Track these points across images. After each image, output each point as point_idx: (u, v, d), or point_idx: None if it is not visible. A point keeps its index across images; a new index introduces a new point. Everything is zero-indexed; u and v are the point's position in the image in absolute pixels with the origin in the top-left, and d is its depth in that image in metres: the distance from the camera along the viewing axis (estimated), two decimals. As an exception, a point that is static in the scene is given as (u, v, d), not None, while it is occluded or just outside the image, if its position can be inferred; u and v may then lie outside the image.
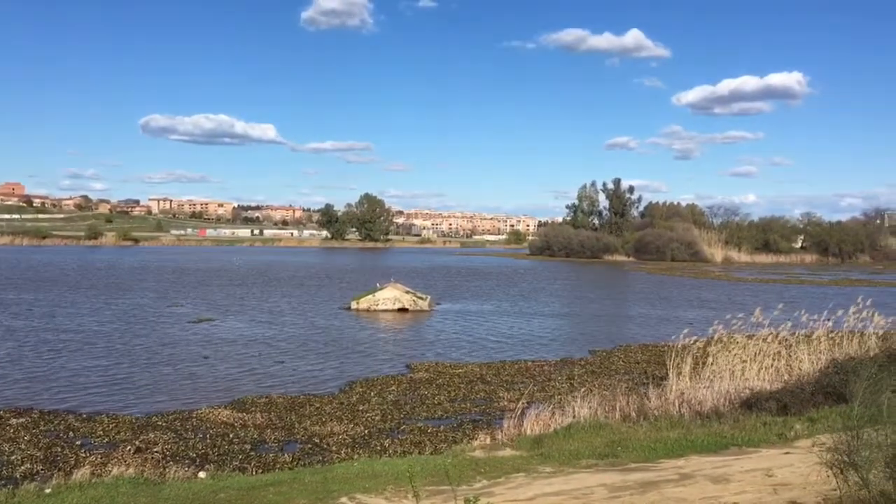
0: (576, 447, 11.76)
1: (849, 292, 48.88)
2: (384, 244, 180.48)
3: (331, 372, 24.57)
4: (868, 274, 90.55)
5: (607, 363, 26.29)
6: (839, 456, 6.33)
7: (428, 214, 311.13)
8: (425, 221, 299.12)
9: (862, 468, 6.08)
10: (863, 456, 6.07)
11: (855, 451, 6.14)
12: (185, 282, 62.07)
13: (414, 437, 16.44)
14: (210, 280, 64.82)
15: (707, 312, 38.84)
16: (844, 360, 16.97)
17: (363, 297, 44.13)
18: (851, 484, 6.27)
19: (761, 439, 11.78)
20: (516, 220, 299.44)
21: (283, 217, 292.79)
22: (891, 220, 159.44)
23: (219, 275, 72.27)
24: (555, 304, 49.74)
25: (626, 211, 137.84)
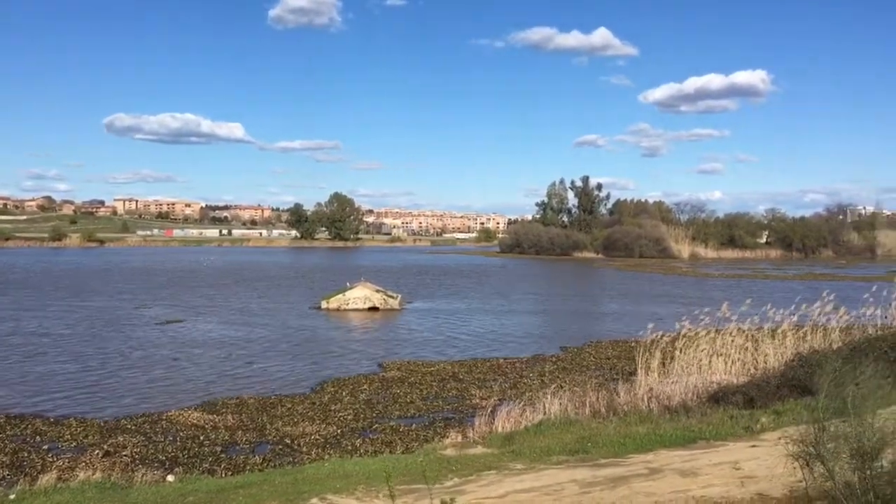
0: (546, 444, 11.83)
1: (812, 287, 49.75)
2: (354, 243, 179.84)
3: (302, 372, 24.43)
4: (831, 268, 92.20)
5: (578, 359, 26.46)
6: (806, 448, 6.42)
7: (398, 213, 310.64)
8: (395, 220, 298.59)
9: (828, 460, 6.17)
10: (828, 448, 6.16)
11: (821, 442, 6.23)
12: (152, 283, 61.29)
13: (385, 436, 16.42)
14: (178, 281, 64.08)
15: (675, 308, 39.28)
16: (809, 354, 17.27)
17: (333, 296, 43.93)
18: (817, 475, 6.36)
19: (728, 433, 11.94)
20: (486, 218, 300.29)
21: (251, 217, 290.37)
22: (853, 215, 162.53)
23: (187, 276, 71.47)
24: (526, 302, 49.93)
25: (594, 208, 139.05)
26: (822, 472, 6.26)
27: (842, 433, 6.12)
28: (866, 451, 5.85)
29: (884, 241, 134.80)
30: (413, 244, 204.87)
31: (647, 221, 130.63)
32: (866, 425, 5.90)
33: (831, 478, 6.16)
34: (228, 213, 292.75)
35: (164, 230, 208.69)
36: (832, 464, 6.14)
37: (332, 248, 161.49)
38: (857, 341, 18.16)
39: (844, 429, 6.10)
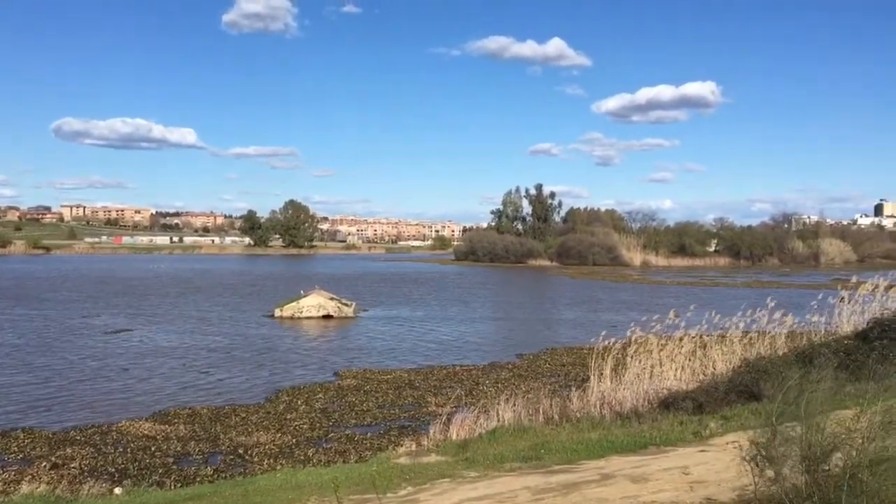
0: (500, 451, 11.86)
1: (759, 294, 50.90)
2: (309, 251, 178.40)
3: (256, 381, 24.15)
4: (777, 276, 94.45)
5: (534, 366, 26.63)
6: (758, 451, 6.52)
7: (353, 220, 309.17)
8: (350, 227, 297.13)
9: (778, 463, 6.28)
10: (779, 451, 6.27)
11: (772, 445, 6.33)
12: (101, 291, 59.90)
13: (340, 445, 16.31)
14: (128, 289, 62.73)
15: (628, 315, 39.84)
16: (756, 360, 17.63)
17: (287, 304, 43.49)
18: (766, 479, 6.47)
19: (678, 438, 12.10)
20: (441, 226, 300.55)
21: (203, 224, 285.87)
22: (797, 224, 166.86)
23: (137, 284, 70.00)
24: (482, 309, 50.10)
25: (548, 216, 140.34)
26: (771, 475, 6.37)
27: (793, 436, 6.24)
28: (815, 454, 5.98)
29: (827, 249, 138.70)
30: (368, 252, 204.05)
31: (599, 229, 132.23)
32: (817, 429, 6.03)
33: (780, 481, 6.27)
34: (180, 220, 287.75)
35: (113, 237, 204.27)
36: (781, 467, 6.25)
37: (287, 256, 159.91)
38: (802, 347, 18.61)
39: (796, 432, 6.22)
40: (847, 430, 5.93)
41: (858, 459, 5.65)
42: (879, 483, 5.56)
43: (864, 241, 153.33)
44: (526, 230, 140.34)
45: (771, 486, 6.28)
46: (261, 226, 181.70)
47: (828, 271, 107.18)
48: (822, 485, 5.89)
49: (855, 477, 5.64)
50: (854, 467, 5.63)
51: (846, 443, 5.84)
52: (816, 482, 5.90)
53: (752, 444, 6.47)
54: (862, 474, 5.59)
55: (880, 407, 6.09)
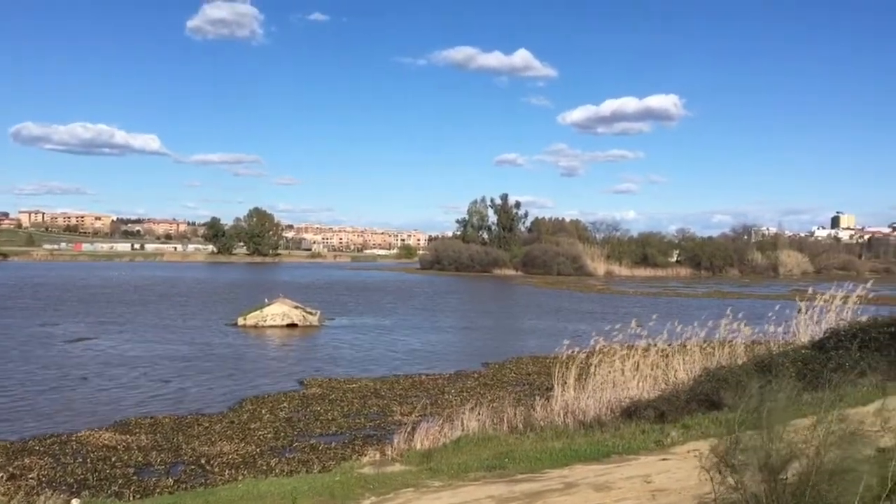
0: (464, 460, 11.86)
1: (720, 304, 51.66)
2: (273, 259, 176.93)
3: (219, 390, 23.88)
4: (737, 287, 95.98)
5: (500, 375, 26.72)
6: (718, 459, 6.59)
7: (318, 229, 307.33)
8: (315, 236, 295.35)
9: (738, 471, 6.36)
10: (739, 459, 6.35)
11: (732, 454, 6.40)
12: (60, 299, 58.68)
13: (303, 455, 16.18)
14: (88, 297, 61.55)
15: (592, 324, 40.09)
16: (716, 369, 17.87)
17: (250, 312, 43.05)
18: (726, 487, 6.55)
19: (640, 446, 12.22)
20: (407, 235, 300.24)
21: (166, 231, 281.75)
22: (757, 235, 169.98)
23: (97, 292, 68.72)
24: (448, 318, 50.12)
25: (513, 226, 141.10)
26: (732, 483, 6.46)
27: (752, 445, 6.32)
28: (774, 463, 6.07)
29: (785, 260, 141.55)
30: (333, 260, 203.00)
31: (564, 239, 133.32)
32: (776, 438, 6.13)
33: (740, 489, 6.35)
34: (141, 227, 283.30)
35: (73, 244, 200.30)
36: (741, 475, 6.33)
37: (251, 264, 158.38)
38: (761, 357, 18.92)
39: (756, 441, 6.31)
40: (804, 440, 6.04)
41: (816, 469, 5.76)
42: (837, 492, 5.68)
43: (821, 252, 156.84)
44: (491, 239, 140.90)
45: (731, 495, 6.36)
46: (224, 233, 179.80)
47: (786, 282, 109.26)
48: (781, 493, 5.99)
49: (813, 486, 5.75)
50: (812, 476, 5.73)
51: (803, 452, 5.95)
52: (775, 491, 6.00)
53: (713, 453, 6.55)
54: (820, 484, 5.70)
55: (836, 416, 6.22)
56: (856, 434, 5.92)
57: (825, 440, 5.86)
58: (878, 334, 17.38)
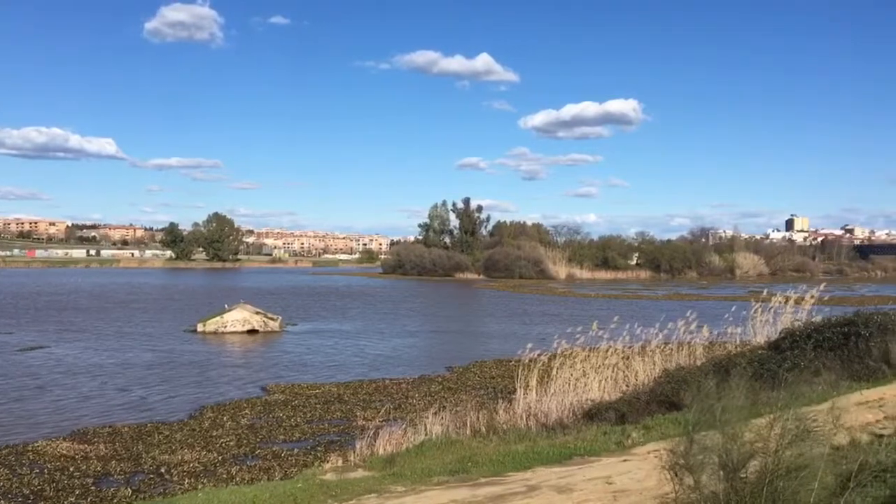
0: (427, 465, 11.85)
1: (679, 306, 52.42)
2: (233, 264, 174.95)
3: (180, 398, 23.53)
4: (695, 289, 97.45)
5: (463, 379, 26.74)
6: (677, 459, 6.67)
7: (279, 234, 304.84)
8: (277, 241, 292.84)
9: (697, 471, 6.44)
10: (697, 459, 6.43)
11: (691, 454, 6.48)
12: (14, 307, 57.21)
13: (264, 462, 16.00)
14: (43, 305, 60.09)
15: (554, 327, 40.41)
16: (675, 370, 18.16)
17: (210, 319, 42.48)
18: (685, 487, 6.63)
19: (602, 448, 12.33)
20: (369, 239, 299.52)
21: (122, 237, 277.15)
22: (714, 238, 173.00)
23: (52, 299, 67.17)
24: (411, 323, 50.03)
25: (475, 230, 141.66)
26: (691, 483, 6.54)
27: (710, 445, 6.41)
28: (733, 462, 6.16)
29: (742, 262, 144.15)
30: (295, 265, 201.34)
31: (526, 243, 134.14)
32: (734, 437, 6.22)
33: (699, 489, 6.43)
34: (97, 233, 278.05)
35: (26, 250, 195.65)
36: (700, 475, 6.41)
37: (210, 269, 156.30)
38: (720, 358, 19.25)
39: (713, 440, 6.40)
40: (762, 438, 6.15)
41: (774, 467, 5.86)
42: (794, 489, 5.79)
43: (776, 254, 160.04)
44: (453, 244, 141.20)
45: (691, 494, 6.45)
46: (183, 239, 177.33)
47: (743, 284, 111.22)
48: (740, 492, 6.09)
49: (771, 484, 5.85)
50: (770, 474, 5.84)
51: (761, 450, 6.06)
52: (734, 489, 6.10)
53: (671, 453, 6.63)
54: (777, 481, 5.80)
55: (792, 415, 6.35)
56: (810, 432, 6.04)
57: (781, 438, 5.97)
58: (832, 334, 17.82)
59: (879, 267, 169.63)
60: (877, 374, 16.18)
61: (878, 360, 16.68)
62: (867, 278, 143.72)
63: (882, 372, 16.24)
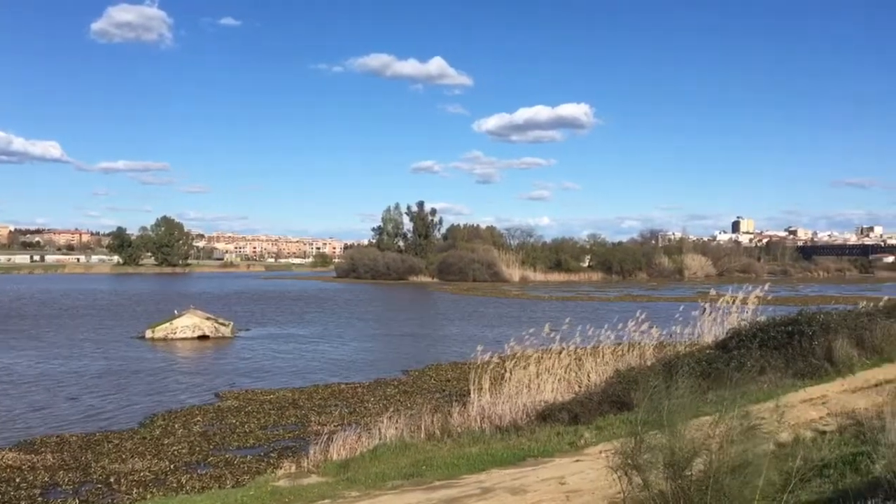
0: (382, 469, 11.83)
1: (630, 307, 53.17)
2: (184, 269, 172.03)
3: (130, 406, 23.08)
4: (646, 290, 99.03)
5: (420, 382, 26.75)
6: (624, 459, 6.77)
7: (231, 238, 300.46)
8: (228, 245, 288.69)
9: (644, 470, 6.54)
10: (645, 459, 6.54)
11: (638, 454, 6.58)
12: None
13: (216, 470, 15.77)
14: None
15: (508, 329, 40.68)
16: (626, 371, 18.43)
17: (159, 325, 41.69)
18: (634, 486, 6.74)
19: (555, 449, 12.47)
20: (322, 243, 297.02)
21: (68, 242, 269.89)
22: (663, 240, 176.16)
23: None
24: (366, 326, 49.85)
25: (429, 233, 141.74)
26: (639, 482, 6.65)
27: (657, 444, 6.52)
28: (678, 460, 6.29)
29: (690, 263, 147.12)
30: (247, 269, 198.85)
31: (479, 246, 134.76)
32: (678, 436, 6.34)
33: (647, 487, 6.53)
34: (41, 238, 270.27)
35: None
36: (648, 474, 6.52)
37: (160, 275, 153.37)
38: (669, 358, 19.60)
39: (659, 440, 6.51)
40: (706, 436, 6.29)
41: (718, 464, 6.00)
42: (739, 486, 5.93)
43: (723, 255, 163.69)
44: (407, 247, 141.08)
45: (639, 494, 6.56)
46: (131, 243, 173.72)
47: (691, 285, 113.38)
48: (687, 489, 6.22)
49: (716, 481, 5.99)
50: (715, 472, 5.97)
51: (706, 448, 6.20)
52: (681, 487, 6.23)
53: (619, 454, 6.73)
54: (722, 479, 5.94)
55: (737, 413, 6.51)
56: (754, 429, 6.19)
57: (726, 437, 6.11)
58: (776, 333, 18.30)
59: (822, 267, 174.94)
60: (820, 371, 16.67)
61: (821, 358, 17.17)
62: (810, 278, 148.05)
63: (825, 370, 16.73)
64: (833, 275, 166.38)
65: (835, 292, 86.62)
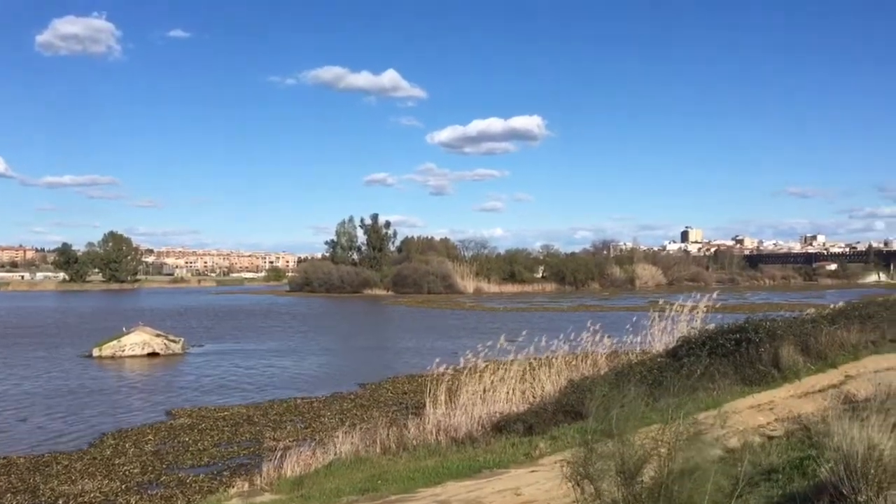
0: (336, 485, 11.74)
1: (583, 317, 53.74)
2: (132, 285, 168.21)
3: (79, 426, 22.54)
4: (598, 300, 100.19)
5: (376, 396, 26.65)
6: (576, 469, 6.84)
7: (181, 253, 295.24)
8: (179, 260, 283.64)
9: (595, 479, 6.62)
10: (596, 467, 6.62)
11: (589, 463, 6.66)
12: None
13: (167, 490, 15.47)
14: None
15: (463, 341, 40.73)
16: (580, 380, 18.60)
17: (107, 342, 40.70)
18: (587, 495, 6.81)
19: (510, 460, 12.52)
20: (276, 257, 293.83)
21: (11, 258, 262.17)
22: (615, 250, 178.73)
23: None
24: (322, 340, 49.44)
25: (383, 246, 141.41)
26: (591, 491, 6.73)
27: (607, 453, 6.61)
28: (629, 468, 6.38)
29: (641, 273, 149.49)
30: (198, 285, 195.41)
31: (434, 258, 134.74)
32: (628, 444, 6.44)
33: (599, 496, 6.61)
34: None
35: None
36: (600, 483, 6.60)
37: (108, 291, 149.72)
38: (621, 367, 19.86)
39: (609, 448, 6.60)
40: (656, 443, 6.40)
41: (667, 471, 6.11)
42: (688, 492, 6.05)
43: (673, 265, 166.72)
44: (361, 260, 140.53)
45: (593, 502, 6.64)
46: (77, 260, 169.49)
47: (643, 294, 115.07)
48: (639, 496, 6.32)
49: (666, 488, 6.10)
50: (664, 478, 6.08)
51: (656, 455, 6.31)
52: (633, 495, 6.32)
53: (571, 463, 6.80)
54: (672, 484, 6.05)
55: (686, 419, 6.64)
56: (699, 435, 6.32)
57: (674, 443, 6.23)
58: (725, 341, 18.68)
59: (768, 275, 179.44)
60: (767, 378, 17.06)
61: (768, 364, 17.59)
62: (757, 286, 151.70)
63: (772, 376, 17.14)
64: (779, 283, 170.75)
65: (780, 300, 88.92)
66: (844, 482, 5.54)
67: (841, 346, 19.23)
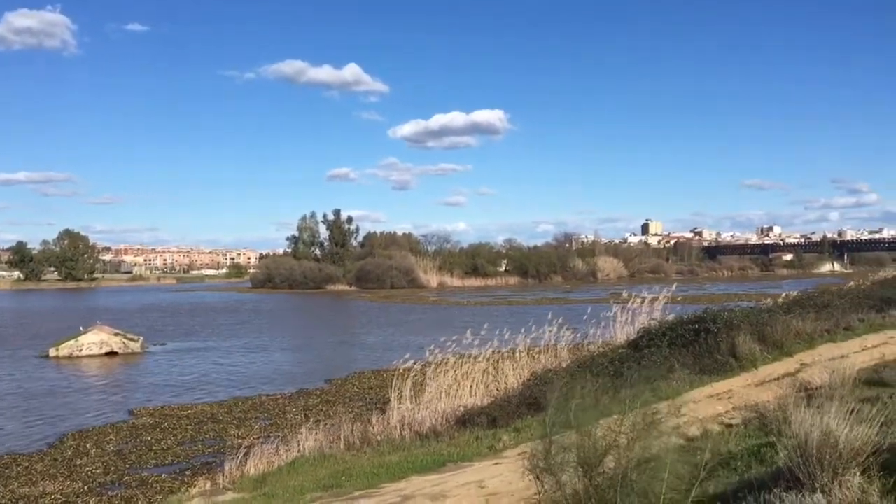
0: (300, 482, 11.69)
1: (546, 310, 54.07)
2: (89, 283, 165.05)
3: (37, 427, 22.18)
4: (561, 293, 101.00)
5: (342, 391, 26.60)
6: (536, 461, 6.90)
7: (140, 250, 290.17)
8: (137, 257, 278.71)
9: (556, 471, 6.68)
10: (557, 460, 6.68)
11: (550, 455, 6.72)
12: None
13: (128, 490, 15.28)
14: None
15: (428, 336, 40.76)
16: (543, 372, 18.76)
17: (64, 342, 39.93)
18: (549, 487, 6.88)
19: (475, 453, 12.58)
20: (237, 254, 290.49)
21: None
22: (577, 243, 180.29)
23: None
24: (286, 337, 49.10)
25: (346, 241, 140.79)
26: (553, 483, 6.80)
27: (567, 444, 6.67)
28: (588, 459, 6.46)
29: (603, 266, 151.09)
30: (157, 282, 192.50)
31: (397, 253, 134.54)
32: (587, 435, 6.52)
33: (560, 488, 6.68)
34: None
35: None
36: (561, 475, 6.67)
37: (64, 290, 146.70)
38: (583, 358, 20.07)
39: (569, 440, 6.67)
40: (615, 434, 6.49)
41: (627, 461, 6.20)
42: (647, 481, 6.14)
43: (634, 257, 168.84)
44: (324, 255, 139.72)
45: (554, 494, 6.71)
46: (32, 258, 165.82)
47: (604, 286, 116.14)
48: (600, 487, 6.40)
49: (626, 477, 6.19)
50: (624, 468, 6.17)
51: (616, 446, 6.39)
52: (594, 485, 6.41)
53: (532, 456, 6.87)
54: (631, 473, 6.15)
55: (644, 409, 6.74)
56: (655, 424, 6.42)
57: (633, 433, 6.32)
58: (684, 331, 18.98)
59: (726, 266, 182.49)
60: (725, 367, 17.36)
61: (726, 354, 17.89)
62: (715, 277, 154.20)
63: (730, 365, 17.44)
64: (736, 273, 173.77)
65: (738, 290, 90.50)
66: (801, 468, 5.66)
67: (797, 334, 19.61)
